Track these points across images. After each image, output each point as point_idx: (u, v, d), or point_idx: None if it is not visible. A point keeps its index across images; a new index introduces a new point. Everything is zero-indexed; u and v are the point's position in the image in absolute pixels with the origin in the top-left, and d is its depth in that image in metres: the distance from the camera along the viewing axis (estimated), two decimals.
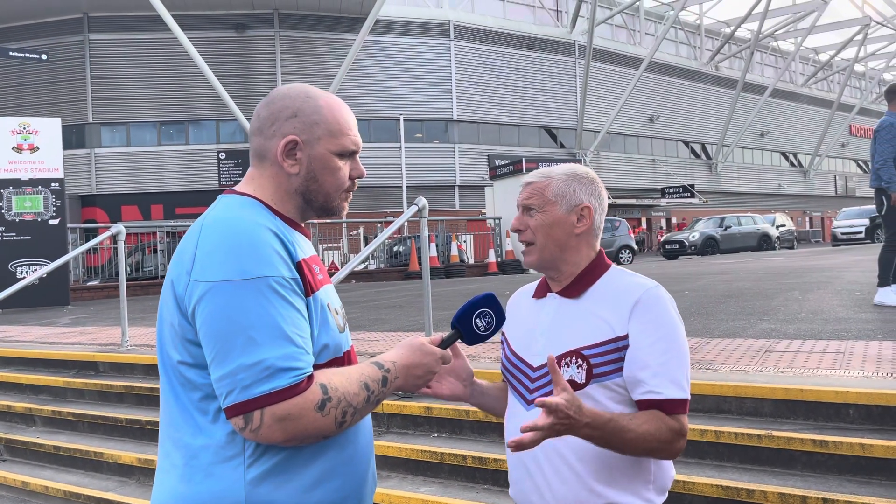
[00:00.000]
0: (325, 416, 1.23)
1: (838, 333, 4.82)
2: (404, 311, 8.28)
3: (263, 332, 1.20)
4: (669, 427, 1.45)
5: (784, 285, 8.47)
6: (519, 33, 34.54)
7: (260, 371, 1.19)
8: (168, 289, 1.32)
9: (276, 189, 1.39)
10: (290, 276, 1.27)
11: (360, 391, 1.29)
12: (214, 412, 1.26)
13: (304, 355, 1.24)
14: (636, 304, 1.49)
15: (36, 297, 11.58)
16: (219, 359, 1.21)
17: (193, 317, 1.25)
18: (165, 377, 1.34)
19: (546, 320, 1.59)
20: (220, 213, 1.32)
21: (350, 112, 1.44)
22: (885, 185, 5.93)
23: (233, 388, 1.20)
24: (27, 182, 12.21)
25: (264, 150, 1.39)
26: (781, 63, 46.55)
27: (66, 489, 4.43)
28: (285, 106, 1.38)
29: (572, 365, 1.51)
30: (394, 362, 1.36)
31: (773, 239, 26.48)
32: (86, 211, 27.96)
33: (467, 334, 1.48)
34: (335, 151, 1.39)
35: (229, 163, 29.16)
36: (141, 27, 27.76)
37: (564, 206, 1.60)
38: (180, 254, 1.31)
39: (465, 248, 19.83)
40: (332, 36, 29.62)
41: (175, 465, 1.30)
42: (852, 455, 3.00)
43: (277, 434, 1.21)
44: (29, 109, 23.59)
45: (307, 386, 1.22)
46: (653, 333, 1.47)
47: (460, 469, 3.69)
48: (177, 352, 1.29)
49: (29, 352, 6.48)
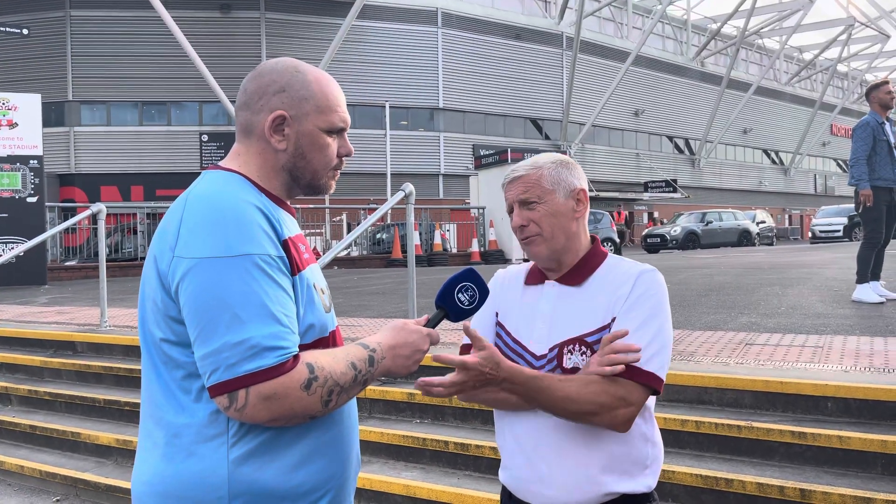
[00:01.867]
0: (312, 395, 1.21)
1: (817, 328, 4.88)
2: (387, 298, 8.27)
3: (249, 311, 1.18)
4: (611, 392, 1.42)
5: (764, 280, 8.56)
6: (507, 23, 34.45)
7: (245, 350, 1.17)
8: (151, 265, 1.28)
9: (263, 165, 1.36)
10: (277, 255, 1.25)
11: (348, 370, 1.27)
12: (197, 391, 1.24)
13: (289, 335, 1.22)
14: (634, 284, 1.52)
15: (12, 275, 11.43)
16: (203, 337, 1.19)
17: (177, 294, 1.22)
18: (147, 355, 1.31)
19: (547, 307, 1.58)
20: (204, 189, 1.29)
21: (339, 88, 1.41)
22: (855, 183, 6.03)
23: (217, 366, 1.17)
24: (5, 158, 12.00)
25: (251, 125, 1.35)
26: (766, 61, 46.91)
27: (42, 469, 4.38)
28: (273, 80, 1.35)
29: (575, 352, 1.50)
30: (379, 343, 1.34)
31: (753, 235, 26.78)
32: (64, 190, 27.55)
33: (452, 311, 1.46)
34: (324, 128, 1.36)
35: (211, 145, 28.83)
36: (124, 4, 27.32)
37: (562, 193, 1.59)
38: (163, 229, 1.28)
39: (448, 236, 19.82)
40: (318, 19, 29.35)
41: (157, 443, 1.27)
42: (830, 447, 3.04)
43: (263, 413, 1.19)
44: (8, 85, 23.12)
45: (293, 365, 1.20)
46: (645, 311, 1.49)
47: (442, 455, 3.70)
48: (159, 329, 1.26)
49: (5, 330, 6.38)
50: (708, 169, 43.89)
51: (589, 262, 1.60)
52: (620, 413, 1.43)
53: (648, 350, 1.45)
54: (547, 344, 1.53)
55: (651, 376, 1.45)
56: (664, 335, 1.49)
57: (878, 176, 6.00)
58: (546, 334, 1.55)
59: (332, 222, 21.31)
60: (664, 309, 1.52)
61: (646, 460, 1.53)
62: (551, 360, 1.52)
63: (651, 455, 1.54)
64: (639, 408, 1.45)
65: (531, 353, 1.56)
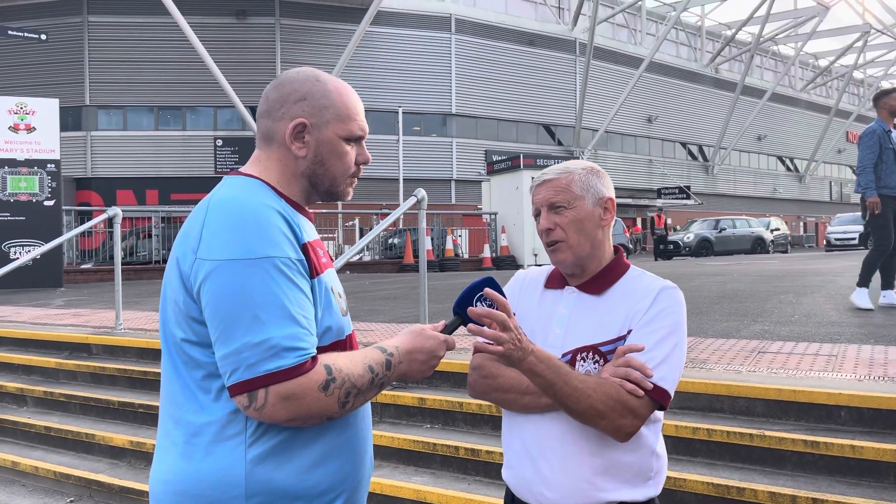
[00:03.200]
0: (329, 396, 1.23)
1: (831, 336, 4.85)
2: (399, 303, 8.29)
3: (269, 312, 1.20)
4: (623, 400, 1.42)
5: (778, 288, 8.51)
6: (520, 29, 34.47)
7: (265, 350, 1.19)
8: (173, 266, 1.31)
9: (283, 171, 1.39)
10: (296, 258, 1.27)
11: (365, 373, 1.29)
12: (217, 391, 1.26)
13: (308, 336, 1.24)
14: (654, 299, 1.52)
15: (29, 278, 11.54)
16: (223, 337, 1.21)
17: (199, 295, 1.25)
18: (168, 355, 1.34)
19: (564, 313, 1.59)
20: (226, 193, 1.32)
21: (358, 97, 1.45)
22: (862, 191, 6.00)
23: (237, 366, 1.20)
24: (23, 162, 12.16)
25: (272, 133, 1.39)
26: (781, 67, 46.65)
27: (56, 470, 4.43)
28: (295, 89, 1.38)
29: (588, 360, 1.51)
30: (396, 347, 1.36)
31: (768, 242, 26.58)
32: (80, 194, 27.81)
33: (469, 319, 1.45)
34: (343, 136, 1.40)
35: (226, 150, 29.04)
36: (141, 10, 27.58)
37: (591, 200, 1.59)
38: (186, 232, 1.31)
39: (460, 242, 19.82)
40: (332, 25, 29.50)
41: (175, 442, 1.30)
42: (843, 456, 3.02)
43: (281, 413, 1.21)
44: (27, 89, 23.38)
45: (312, 366, 1.22)
46: (663, 327, 1.49)
47: (452, 460, 3.70)
48: (181, 329, 1.29)
49: (21, 332, 6.46)
50: (722, 176, 43.65)
51: (611, 271, 1.60)
52: (626, 423, 1.44)
53: (662, 367, 1.47)
54: (561, 349, 1.54)
55: (662, 393, 1.46)
56: (678, 354, 1.50)
57: (884, 184, 5.98)
58: (561, 339, 1.55)
59: (344, 227, 21.38)
60: (681, 327, 1.53)
61: (649, 472, 1.53)
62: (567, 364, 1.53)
63: (655, 467, 1.55)
64: (643, 422, 1.46)
65: None
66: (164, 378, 1.36)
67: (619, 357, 1.47)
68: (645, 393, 1.44)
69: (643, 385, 1.43)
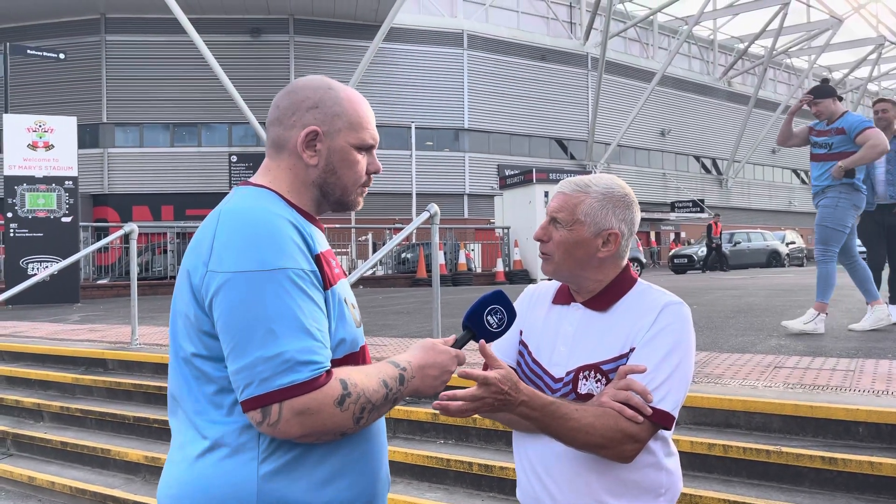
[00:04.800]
0: (344, 411, 1.21)
1: (848, 351, 4.80)
2: (412, 318, 8.29)
3: (283, 325, 1.18)
4: (622, 428, 1.40)
5: (794, 302, 8.43)
6: (532, 44, 34.64)
7: (279, 364, 1.17)
8: (183, 279, 1.29)
9: (293, 180, 1.37)
10: (310, 269, 1.25)
11: (380, 388, 1.27)
12: (229, 406, 1.25)
13: (322, 349, 1.22)
14: (658, 316, 1.49)
15: (46, 293, 11.67)
16: (237, 351, 1.19)
17: (210, 308, 1.23)
18: (178, 370, 1.31)
19: (570, 330, 1.56)
20: (237, 204, 1.30)
21: (369, 106, 1.44)
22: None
23: (251, 380, 1.18)
24: (41, 179, 12.32)
25: (283, 141, 1.37)
26: (795, 80, 46.47)
27: (72, 485, 4.45)
28: (307, 97, 1.37)
29: (590, 379, 1.49)
30: (409, 361, 1.34)
31: (783, 256, 26.36)
32: (97, 210, 28.14)
33: (480, 333, 1.45)
34: (355, 144, 1.38)
35: (240, 165, 29.32)
36: (157, 29, 28.01)
37: (592, 229, 1.54)
38: (197, 244, 1.29)
39: (473, 256, 19.83)
40: (346, 42, 29.78)
41: (186, 457, 1.28)
42: (861, 473, 2.98)
43: (295, 428, 1.19)
44: (45, 108, 23.79)
45: (326, 380, 1.20)
46: (665, 346, 1.46)
47: (466, 476, 3.69)
48: (191, 344, 1.27)
49: (38, 347, 6.52)
50: (736, 189, 43.44)
51: (616, 287, 1.57)
52: (627, 449, 1.42)
53: (664, 388, 1.43)
54: (565, 367, 1.52)
55: (664, 415, 1.43)
56: (682, 372, 1.46)
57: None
58: (565, 357, 1.53)
59: (357, 242, 21.45)
60: (685, 344, 1.49)
61: (659, 488, 1.51)
62: (567, 383, 1.51)
63: (666, 483, 1.52)
64: (643, 445, 1.44)
65: (550, 376, 1.55)
66: (174, 392, 1.34)
67: (620, 378, 1.44)
68: (647, 417, 1.41)
69: (643, 410, 1.41)
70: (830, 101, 5.55)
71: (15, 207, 12.14)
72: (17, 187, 12.16)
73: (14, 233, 12.14)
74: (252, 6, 28.64)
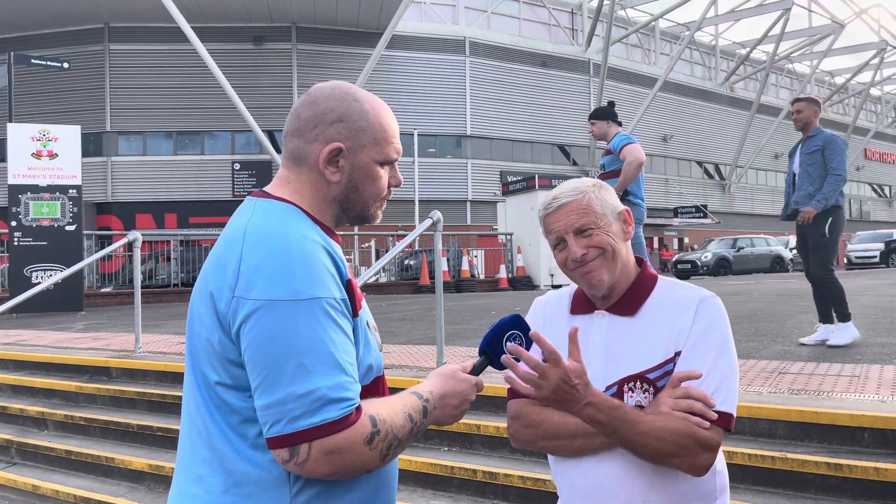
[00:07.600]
0: (373, 449, 1.16)
1: (853, 357, 4.78)
2: (416, 325, 8.29)
3: (316, 359, 1.12)
4: (694, 435, 1.32)
5: (798, 307, 8.41)
6: (534, 51, 34.71)
7: (311, 402, 1.11)
8: (206, 302, 1.21)
9: (315, 196, 1.30)
10: (341, 297, 1.19)
11: (406, 423, 1.22)
12: (254, 437, 1.18)
13: (353, 384, 1.17)
14: (696, 314, 1.43)
15: (50, 302, 11.68)
16: (266, 385, 1.13)
17: (237, 336, 1.16)
18: (199, 394, 1.24)
19: (600, 341, 1.47)
20: (263, 223, 1.21)
21: (394, 117, 1.36)
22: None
23: (280, 417, 1.12)
24: (45, 188, 12.35)
25: (303, 154, 1.29)
26: (797, 85, 46.47)
27: (76, 493, 4.45)
28: (330, 109, 1.28)
29: (637, 390, 1.41)
30: (431, 392, 1.29)
31: (787, 261, 26.32)
32: (101, 218, 28.19)
33: (498, 358, 1.38)
34: (378, 160, 1.31)
35: (243, 173, 29.39)
36: (160, 38, 28.11)
37: (612, 216, 1.50)
38: (221, 265, 1.20)
39: (476, 262, 19.82)
40: (348, 50, 29.87)
41: (210, 491, 1.20)
42: (867, 479, 2.97)
43: (323, 468, 1.14)
44: (49, 117, 23.88)
45: (356, 418, 1.15)
46: (713, 346, 1.41)
47: (470, 483, 3.68)
48: (215, 372, 1.20)
49: (42, 356, 6.53)
50: (739, 194, 43.40)
51: (640, 287, 1.50)
52: (702, 458, 1.34)
53: (722, 390, 1.38)
54: (604, 382, 1.42)
55: (728, 418, 1.38)
56: (733, 370, 1.41)
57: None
58: (602, 371, 1.43)
59: (360, 249, 21.47)
60: (730, 339, 1.44)
61: (714, 491, 1.45)
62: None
63: (719, 485, 1.46)
64: (717, 452, 1.37)
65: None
66: (193, 419, 1.26)
67: (674, 386, 1.37)
68: (714, 422, 1.35)
69: (708, 416, 1.35)
70: (605, 123, 5.81)
71: (19, 216, 12.17)
72: (21, 196, 12.19)
73: (18, 241, 12.17)
74: (254, 14, 28.75)
